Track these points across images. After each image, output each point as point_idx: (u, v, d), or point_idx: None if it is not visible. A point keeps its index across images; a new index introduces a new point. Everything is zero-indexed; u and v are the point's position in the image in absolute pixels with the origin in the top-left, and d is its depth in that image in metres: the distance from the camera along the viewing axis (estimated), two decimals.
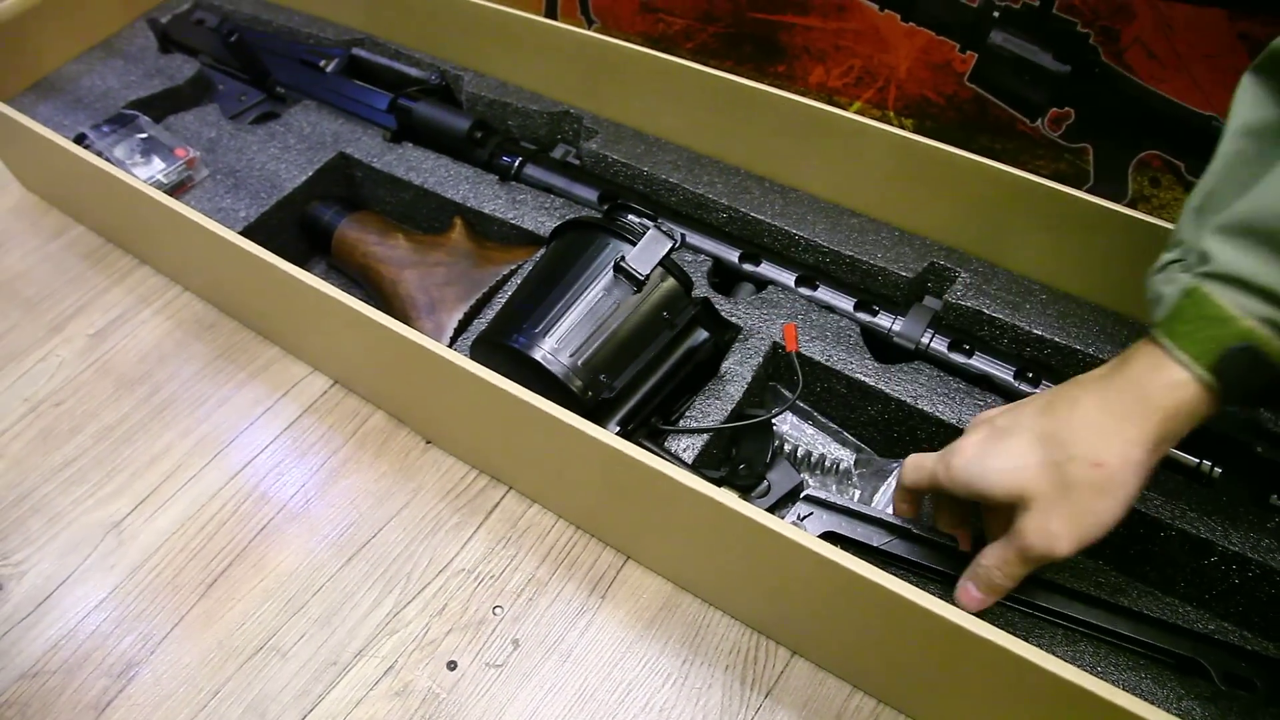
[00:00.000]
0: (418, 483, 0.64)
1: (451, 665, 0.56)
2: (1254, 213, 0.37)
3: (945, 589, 0.51)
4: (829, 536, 0.54)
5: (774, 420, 0.59)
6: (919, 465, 0.49)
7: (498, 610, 0.58)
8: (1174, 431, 0.40)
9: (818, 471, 0.59)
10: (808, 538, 0.45)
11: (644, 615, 0.57)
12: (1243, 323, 0.37)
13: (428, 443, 0.66)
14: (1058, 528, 0.42)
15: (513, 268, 0.63)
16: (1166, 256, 0.41)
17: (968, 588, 0.47)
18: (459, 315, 0.62)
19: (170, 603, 0.60)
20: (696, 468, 0.54)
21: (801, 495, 0.55)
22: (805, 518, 0.55)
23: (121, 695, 0.56)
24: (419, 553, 0.61)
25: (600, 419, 0.53)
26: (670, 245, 0.53)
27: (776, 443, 0.59)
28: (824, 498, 0.55)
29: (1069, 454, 0.41)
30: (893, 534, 0.53)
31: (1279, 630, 0.53)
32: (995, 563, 0.45)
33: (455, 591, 0.59)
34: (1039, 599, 0.52)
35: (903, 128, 0.67)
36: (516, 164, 0.68)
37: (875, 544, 0.53)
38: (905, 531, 0.53)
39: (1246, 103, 0.39)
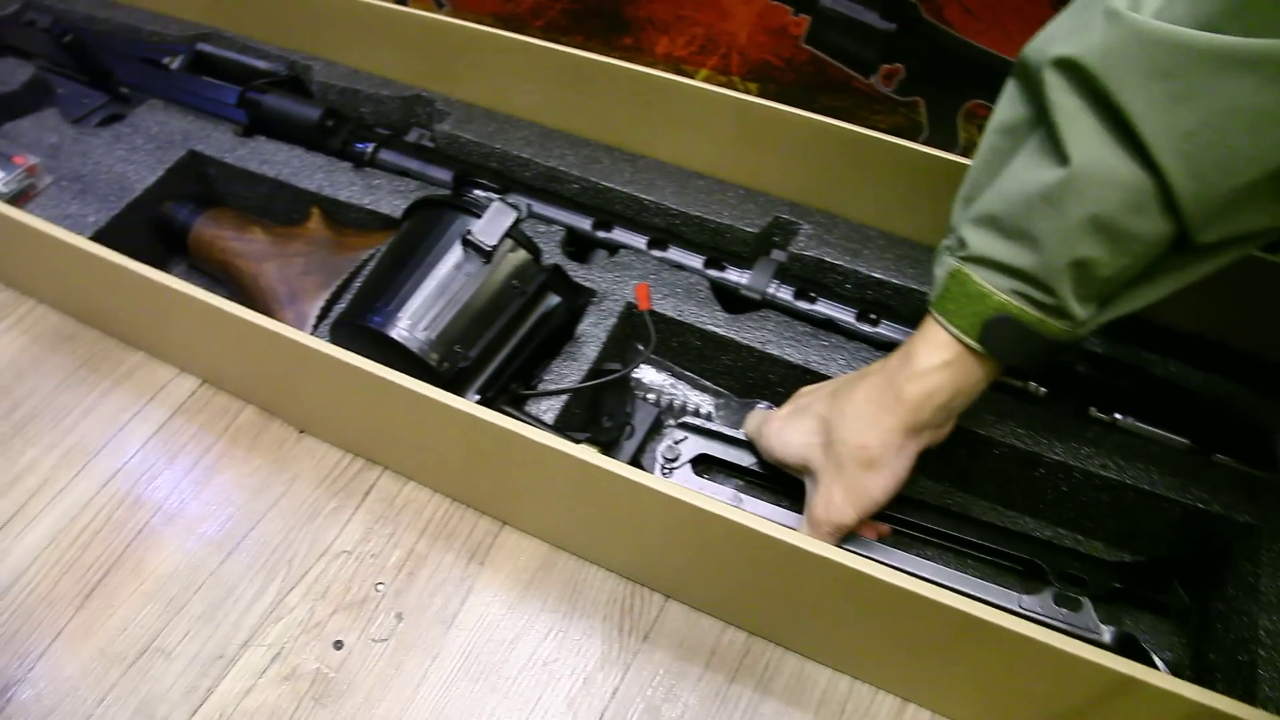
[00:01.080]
0: (293, 472, 0.65)
1: (338, 645, 0.57)
2: (993, 204, 0.42)
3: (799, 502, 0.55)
4: (702, 459, 0.58)
5: (638, 376, 0.62)
6: (752, 422, 0.56)
7: (380, 587, 0.60)
8: (929, 420, 0.47)
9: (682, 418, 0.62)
10: (662, 483, 0.48)
11: (522, 577, 0.60)
12: (997, 297, 0.42)
13: (301, 432, 0.67)
14: (839, 499, 0.49)
15: (372, 252, 0.65)
16: (944, 243, 0.46)
17: None
18: (320, 303, 0.63)
19: (47, 618, 0.59)
20: (559, 428, 0.56)
21: (677, 422, 0.59)
22: (680, 442, 0.58)
23: (2, 716, 0.56)
24: (299, 540, 0.62)
25: (459, 389, 0.55)
26: (515, 216, 0.55)
27: (641, 395, 0.62)
28: (696, 423, 0.59)
29: (841, 437, 0.49)
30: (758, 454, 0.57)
31: (1106, 532, 0.59)
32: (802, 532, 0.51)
33: (337, 573, 0.60)
34: (895, 512, 0.56)
35: (748, 92, 0.70)
36: (370, 150, 0.70)
37: (745, 464, 0.57)
38: None
39: (1003, 103, 0.44)
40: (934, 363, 0.45)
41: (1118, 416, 0.59)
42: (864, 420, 0.47)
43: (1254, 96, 0.35)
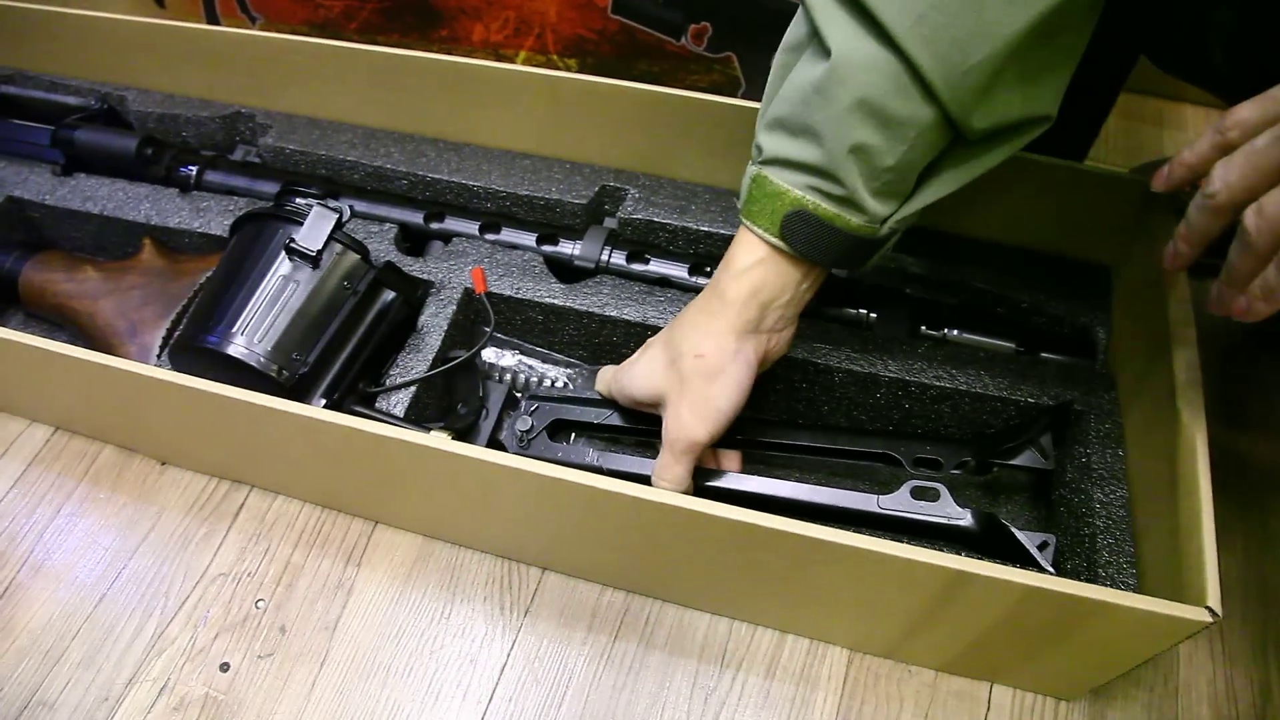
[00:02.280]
0: (160, 505, 0.64)
1: (224, 667, 0.58)
2: (779, 108, 0.45)
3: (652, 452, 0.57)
4: (558, 424, 0.60)
5: (492, 362, 0.63)
6: (603, 379, 0.57)
7: (260, 604, 0.60)
8: (755, 318, 0.48)
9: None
10: (513, 459, 0.49)
11: (400, 571, 0.61)
12: (792, 194, 0.45)
13: (163, 464, 0.66)
14: (688, 417, 0.50)
15: (208, 274, 0.64)
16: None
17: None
18: (161, 332, 0.63)
19: None
20: (412, 421, 0.57)
21: (526, 395, 0.60)
22: (533, 412, 0.60)
23: None
24: (172, 571, 0.62)
25: (304, 396, 0.56)
26: (336, 218, 0.56)
27: (499, 376, 0.63)
28: (544, 393, 0.60)
29: (680, 352, 0.50)
30: (608, 408, 0.59)
31: (954, 442, 0.63)
32: (659, 469, 0.52)
33: (215, 597, 0.60)
34: (748, 435, 0.59)
35: (567, 69, 0.71)
36: (195, 173, 0.69)
37: (596, 421, 0.59)
38: (614, 403, 0.59)
39: (790, 26, 0.47)
40: (748, 262, 0.48)
41: (947, 331, 0.62)
42: (697, 330, 0.49)
43: None
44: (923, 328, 0.63)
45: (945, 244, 0.66)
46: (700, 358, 0.49)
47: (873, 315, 0.63)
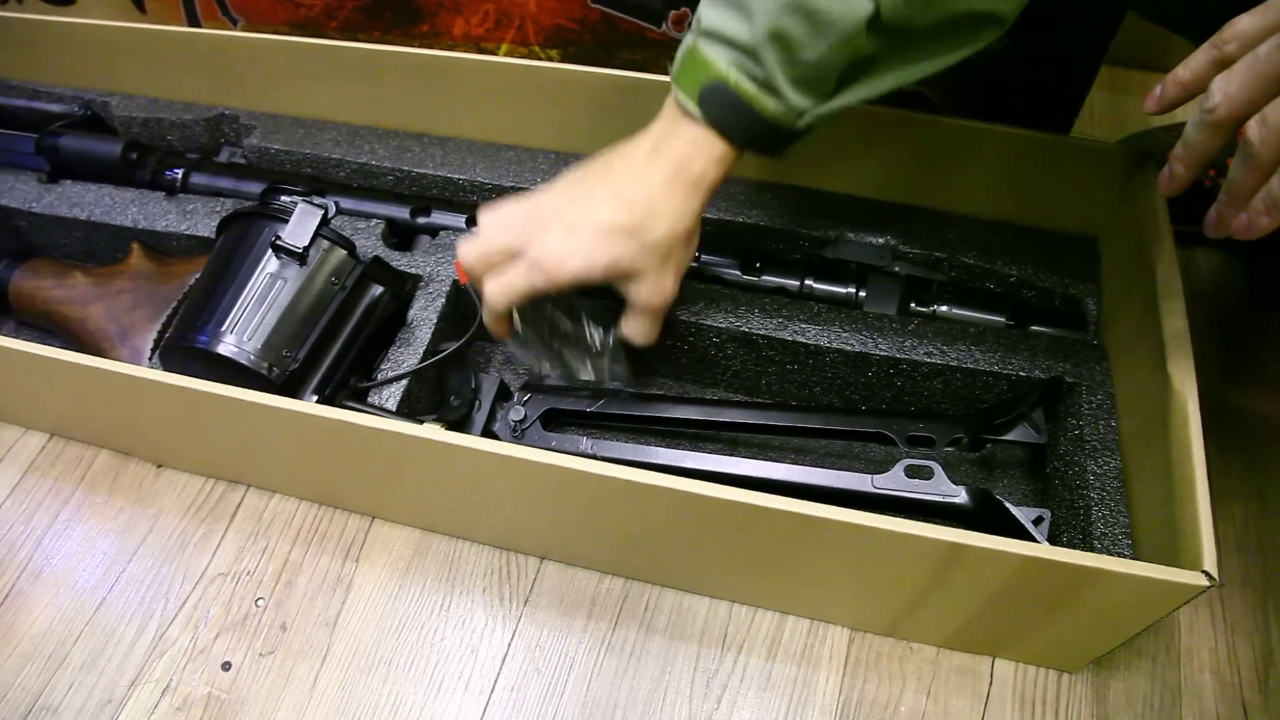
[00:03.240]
0: (157, 507, 0.64)
1: (226, 666, 0.58)
2: None
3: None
4: (551, 414, 0.60)
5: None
6: (509, 288, 0.52)
7: (260, 602, 0.60)
8: (700, 174, 0.49)
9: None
10: (506, 447, 0.49)
11: (399, 565, 0.61)
12: (717, 67, 0.46)
13: (159, 467, 0.66)
14: (670, 282, 0.52)
15: (196, 276, 0.64)
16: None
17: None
18: (152, 335, 0.63)
19: None
20: (404, 414, 0.57)
21: (520, 385, 0.60)
22: (525, 402, 0.60)
23: None
24: (172, 573, 0.61)
25: (295, 392, 0.56)
26: (321, 215, 0.56)
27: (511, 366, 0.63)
28: (537, 383, 0.61)
29: (660, 235, 0.51)
30: (599, 397, 0.60)
31: (947, 418, 0.63)
32: (646, 334, 0.55)
33: (215, 597, 0.60)
34: (744, 419, 0.59)
35: (549, 59, 0.71)
36: (180, 176, 0.69)
37: (589, 410, 0.59)
38: (607, 392, 0.61)
39: None
40: (668, 127, 0.49)
41: (936, 308, 0.62)
42: (672, 211, 0.49)
43: None
44: (912, 304, 0.63)
45: (932, 220, 0.66)
46: (676, 235, 0.50)
47: (861, 293, 0.63)
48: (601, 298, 0.56)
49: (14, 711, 0.57)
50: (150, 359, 0.62)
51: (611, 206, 0.50)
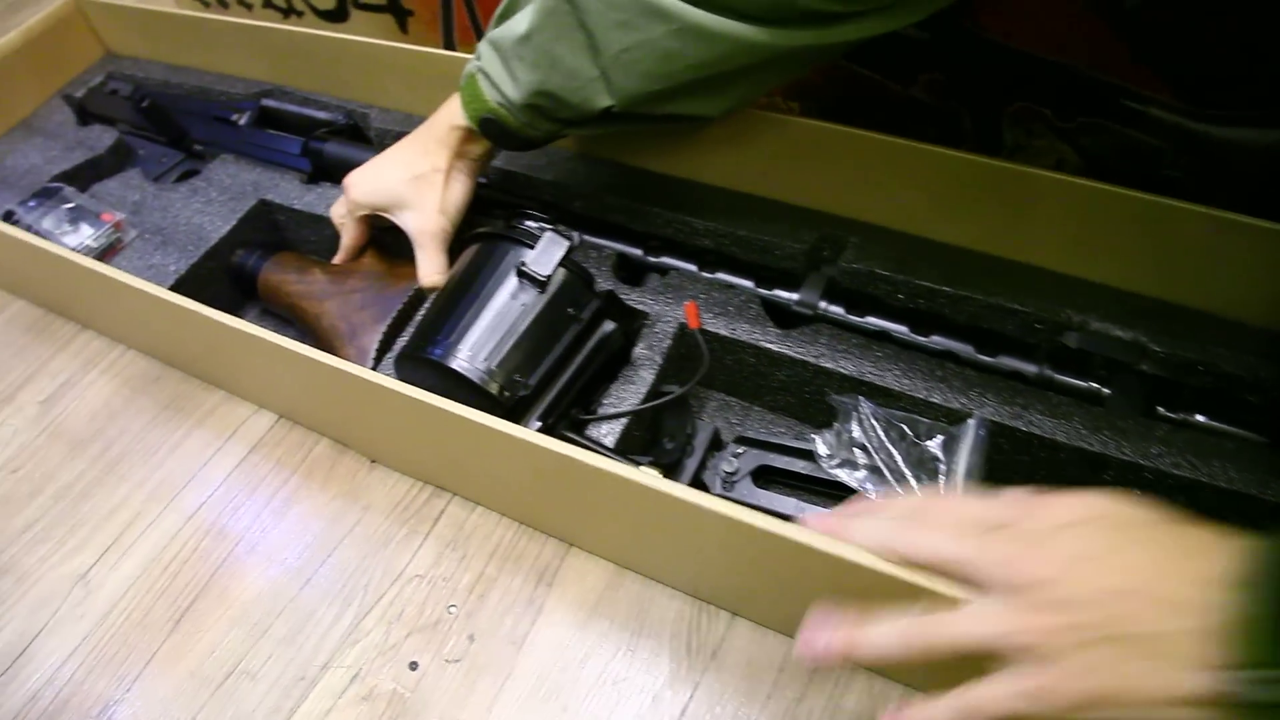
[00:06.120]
0: (366, 501, 0.66)
1: (413, 666, 0.58)
2: (501, 37, 0.57)
3: None
4: (763, 469, 0.58)
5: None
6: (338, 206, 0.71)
7: (452, 610, 0.60)
8: (461, 153, 0.64)
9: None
10: (717, 502, 0.48)
11: (590, 598, 0.60)
12: (489, 102, 0.58)
13: (373, 463, 0.68)
14: (436, 213, 0.64)
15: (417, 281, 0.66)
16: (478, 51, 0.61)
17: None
18: (378, 337, 0.65)
19: (141, 642, 0.62)
20: (620, 452, 0.56)
21: (735, 437, 0.59)
22: (739, 456, 0.58)
23: None
24: (373, 566, 0.63)
25: (520, 417, 0.56)
26: (567, 246, 0.56)
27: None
28: (753, 435, 0.59)
29: (420, 170, 0.64)
30: (812, 460, 0.57)
31: None
32: (432, 272, 0.65)
33: (410, 597, 0.61)
34: None
35: (790, 111, 0.70)
36: None
37: (802, 471, 0.57)
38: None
39: None
40: (456, 124, 0.62)
41: (1188, 415, 0.57)
42: (429, 155, 0.63)
43: (665, 41, 0.51)
44: (1160, 409, 0.57)
45: (1189, 319, 0.60)
46: (438, 171, 0.63)
47: (1105, 390, 0.58)
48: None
49: (218, 668, 0.60)
50: (378, 362, 0.64)
51: (394, 158, 0.66)
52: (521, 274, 0.56)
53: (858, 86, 0.72)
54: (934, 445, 0.55)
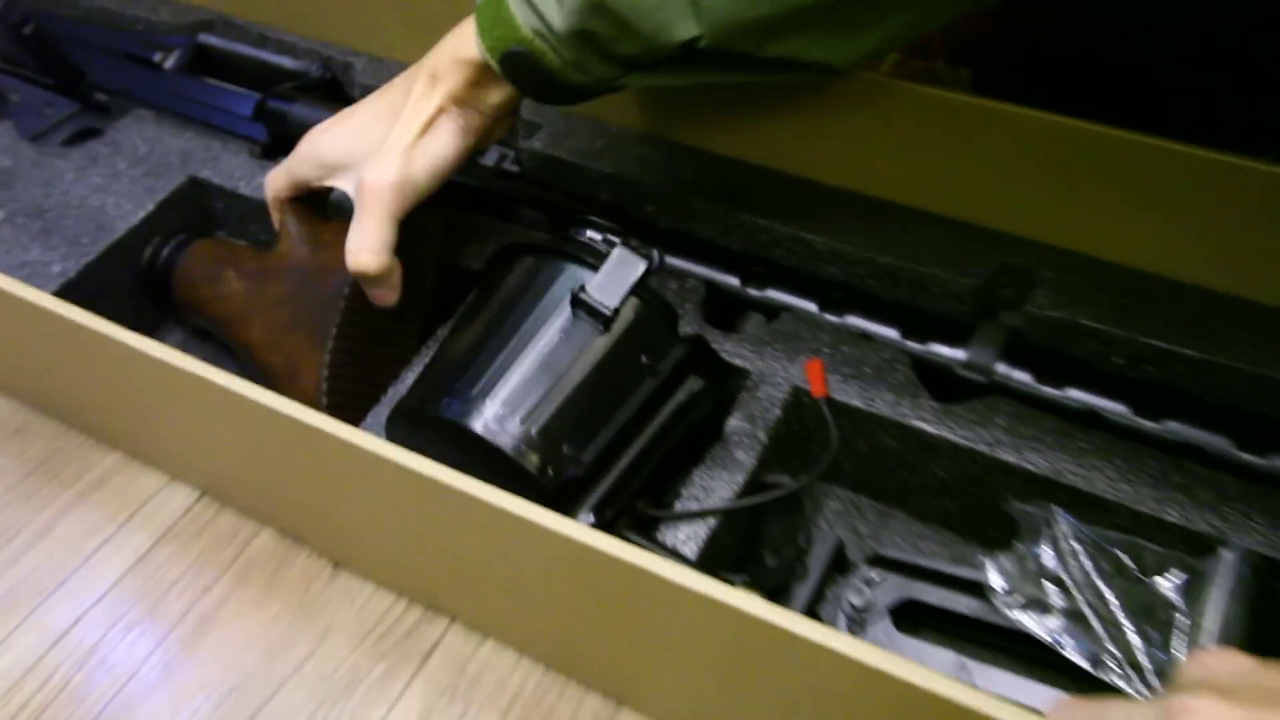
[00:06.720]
0: (325, 623, 0.69)
1: None
2: None
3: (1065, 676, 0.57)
4: (907, 605, 0.60)
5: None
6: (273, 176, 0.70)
7: None
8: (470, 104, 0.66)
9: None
10: (864, 649, 0.50)
11: None
12: (522, 31, 0.60)
13: (337, 566, 0.71)
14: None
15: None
16: None
17: None
18: (320, 369, 0.67)
19: None
20: (704, 565, 0.59)
21: (870, 556, 0.62)
22: (875, 583, 0.61)
23: None
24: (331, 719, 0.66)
25: (567, 506, 0.58)
26: (644, 267, 0.59)
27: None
28: (895, 555, 0.61)
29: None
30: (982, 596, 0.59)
31: None
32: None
33: None
34: None
35: (957, 81, 0.73)
36: None
37: (966, 613, 0.60)
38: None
39: None
40: (464, 59, 0.64)
41: None
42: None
43: None
44: None
45: None
46: (422, 112, 0.65)
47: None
48: None
49: None
50: (324, 401, 0.66)
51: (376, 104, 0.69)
52: (578, 304, 0.59)
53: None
54: (1168, 586, 0.57)
